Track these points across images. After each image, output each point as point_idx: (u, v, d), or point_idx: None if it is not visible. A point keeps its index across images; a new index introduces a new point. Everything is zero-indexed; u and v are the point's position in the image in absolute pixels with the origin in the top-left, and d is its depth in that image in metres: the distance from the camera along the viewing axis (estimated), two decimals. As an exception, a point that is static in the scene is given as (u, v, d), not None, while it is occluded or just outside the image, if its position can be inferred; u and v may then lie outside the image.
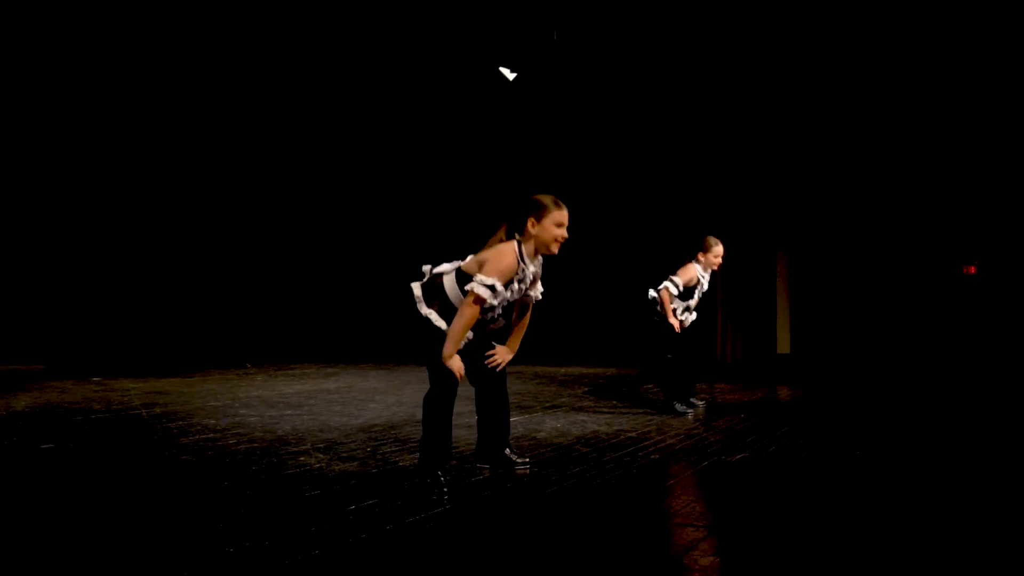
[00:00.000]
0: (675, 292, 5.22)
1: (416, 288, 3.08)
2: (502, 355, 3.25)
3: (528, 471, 3.40)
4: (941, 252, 9.98)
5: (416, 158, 12.15)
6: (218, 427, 4.54)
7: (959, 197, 9.78)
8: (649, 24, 9.44)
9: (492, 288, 2.90)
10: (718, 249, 5.30)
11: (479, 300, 2.89)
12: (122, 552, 2.29)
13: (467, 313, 2.90)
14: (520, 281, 3.08)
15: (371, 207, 12.39)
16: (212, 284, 11.28)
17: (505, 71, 9.49)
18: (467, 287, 2.93)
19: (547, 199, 3.06)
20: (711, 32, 9.46)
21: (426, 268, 3.16)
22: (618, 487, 3.16)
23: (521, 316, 3.33)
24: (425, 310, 3.02)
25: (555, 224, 3.03)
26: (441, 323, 2.99)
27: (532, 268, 3.11)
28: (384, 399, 5.93)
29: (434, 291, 3.05)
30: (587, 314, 11.23)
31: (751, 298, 10.21)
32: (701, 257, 5.31)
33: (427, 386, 3.08)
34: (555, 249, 3.07)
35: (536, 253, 3.09)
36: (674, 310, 5.25)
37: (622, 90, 10.49)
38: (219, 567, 2.15)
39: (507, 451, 3.43)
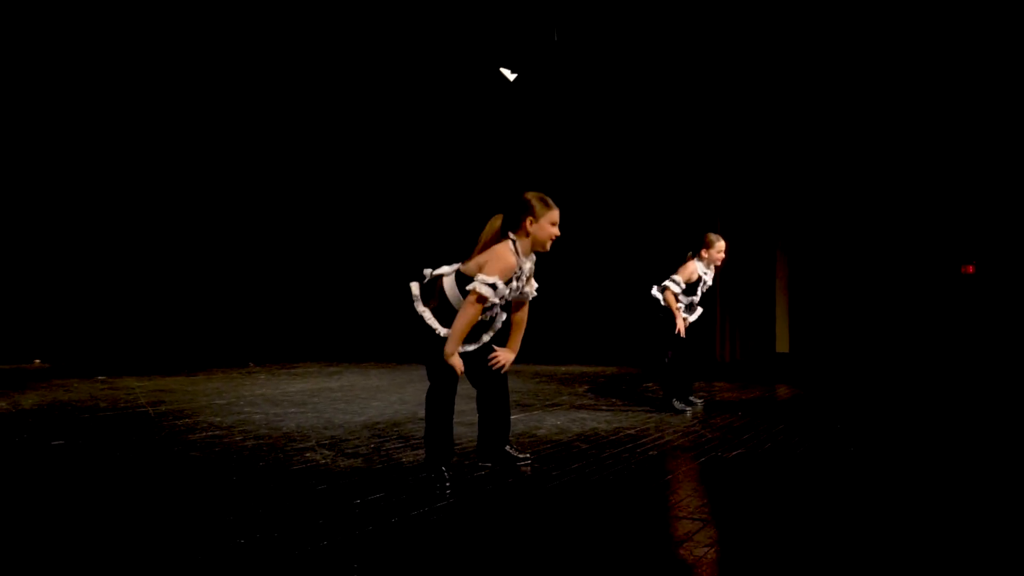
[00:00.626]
0: (678, 291, 5.27)
1: (415, 287, 3.19)
2: (504, 356, 3.34)
3: (529, 467, 3.47)
4: (939, 252, 10.05)
5: (417, 158, 12.21)
6: (224, 424, 4.61)
7: (957, 197, 9.84)
8: (649, 24, 9.51)
9: (494, 287, 3.01)
10: (720, 245, 5.35)
11: (482, 299, 2.99)
12: (137, 543, 2.36)
13: (469, 312, 3.00)
14: (517, 278, 3.19)
15: (372, 207, 12.46)
16: (214, 284, 11.36)
17: (506, 71, 9.56)
18: (469, 287, 3.02)
19: (541, 199, 3.19)
20: (711, 32, 9.53)
21: (427, 271, 3.26)
22: (617, 482, 3.23)
23: (518, 314, 3.41)
24: (420, 308, 3.12)
25: (550, 223, 3.18)
26: (433, 322, 3.09)
27: (528, 264, 3.23)
28: (387, 397, 6.00)
29: (432, 292, 3.16)
30: (588, 313, 11.30)
31: (750, 297, 10.28)
32: (704, 253, 5.35)
33: (428, 384, 3.16)
34: (549, 247, 3.22)
35: (531, 250, 3.22)
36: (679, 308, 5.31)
37: (622, 89, 10.56)
38: (231, 557, 2.23)
39: (508, 448, 3.51)
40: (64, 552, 2.29)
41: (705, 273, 5.39)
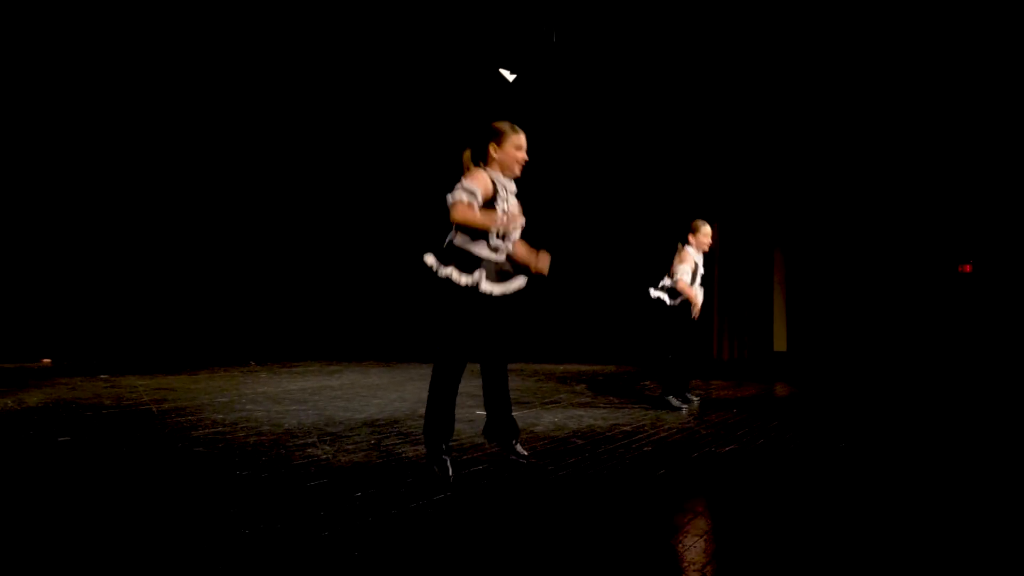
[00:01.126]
0: (688, 278, 5.35)
1: (430, 257, 3.14)
2: (542, 260, 3.29)
3: (526, 462, 3.53)
4: (937, 251, 10.12)
5: (417, 159, 12.28)
6: (227, 421, 4.68)
7: (955, 196, 9.91)
8: (647, 24, 9.57)
9: (473, 194, 3.02)
10: (706, 229, 5.49)
11: (460, 201, 3.00)
12: (145, 534, 2.43)
13: (459, 212, 2.99)
14: (504, 201, 3.18)
15: (372, 208, 12.53)
16: (216, 284, 11.43)
17: (505, 72, 9.63)
18: (451, 199, 3.03)
19: (505, 125, 3.25)
20: (709, 32, 9.59)
21: (428, 259, 3.18)
22: (611, 476, 3.30)
23: (519, 251, 3.38)
24: (444, 271, 3.08)
25: (515, 147, 3.22)
26: (462, 277, 3.06)
27: (511, 185, 3.27)
28: (386, 395, 6.07)
29: (449, 254, 3.13)
30: (587, 312, 11.37)
31: (748, 296, 10.36)
32: (692, 239, 5.48)
33: (435, 366, 3.16)
34: (518, 171, 3.25)
35: (503, 175, 3.23)
36: (683, 303, 5.40)
37: (620, 90, 10.63)
38: (236, 547, 2.30)
39: (515, 443, 3.42)
40: (75, 542, 2.37)
41: (698, 259, 5.51)
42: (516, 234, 3.27)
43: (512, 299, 3.27)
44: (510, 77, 9.74)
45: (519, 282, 3.24)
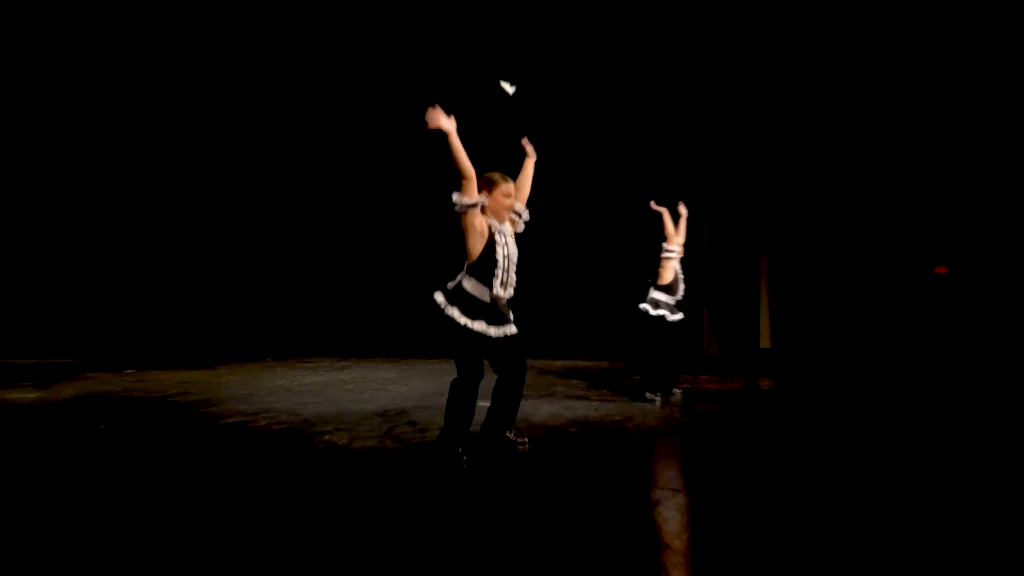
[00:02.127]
0: (672, 251, 5.90)
1: (439, 295, 3.51)
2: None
3: (527, 448, 3.93)
4: (914, 253, 10.53)
5: (422, 162, 12.63)
6: (249, 411, 5.10)
7: (931, 201, 10.32)
8: (639, 29, 9.90)
9: (459, 194, 3.47)
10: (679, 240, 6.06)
11: (459, 200, 3.45)
12: (189, 505, 2.86)
13: (465, 188, 3.47)
14: (505, 247, 3.57)
15: (379, 210, 12.88)
16: (231, 284, 11.82)
17: (505, 85, 9.97)
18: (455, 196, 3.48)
19: (496, 175, 3.63)
20: (698, 37, 9.93)
21: (438, 297, 3.53)
22: (601, 459, 3.72)
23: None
24: (450, 311, 3.45)
25: (503, 195, 3.59)
26: (463, 319, 3.44)
27: (508, 228, 3.66)
28: (396, 388, 6.47)
29: (456, 296, 3.49)
30: (584, 311, 11.75)
31: (735, 296, 10.76)
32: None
33: (437, 376, 3.62)
34: (506, 217, 3.63)
35: (497, 219, 3.62)
36: (662, 317, 5.83)
37: (612, 95, 10.95)
38: (270, 513, 2.73)
39: (508, 434, 3.81)
40: (127, 513, 2.79)
41: (677, 268, 5.99)
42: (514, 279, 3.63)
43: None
44: (510, 90, 10.07)
45: (513, 328, 3.57)
